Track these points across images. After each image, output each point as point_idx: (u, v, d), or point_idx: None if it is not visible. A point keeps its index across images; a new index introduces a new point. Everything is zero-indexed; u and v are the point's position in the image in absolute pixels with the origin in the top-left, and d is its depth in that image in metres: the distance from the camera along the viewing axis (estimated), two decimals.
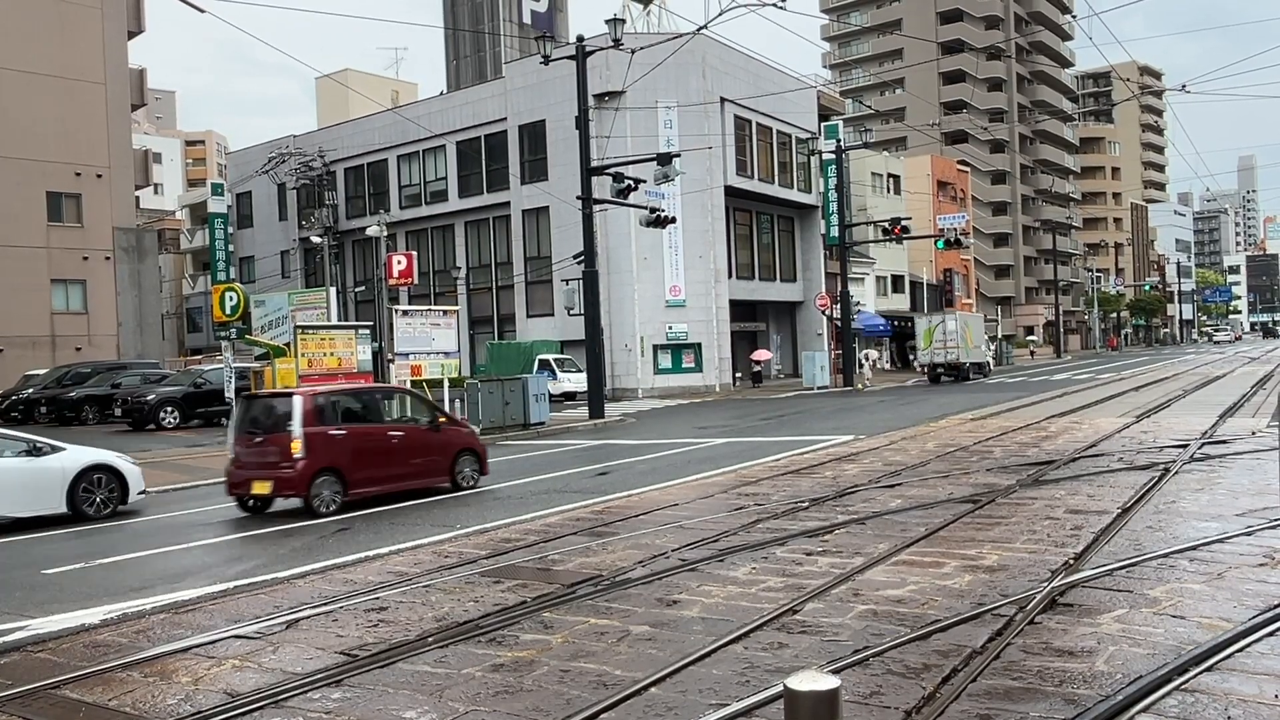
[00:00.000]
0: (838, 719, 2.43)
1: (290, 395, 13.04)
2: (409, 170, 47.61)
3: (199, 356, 49.59)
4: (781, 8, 22.75)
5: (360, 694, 5.28)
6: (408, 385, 20.75)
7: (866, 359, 44.86)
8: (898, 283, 60.77)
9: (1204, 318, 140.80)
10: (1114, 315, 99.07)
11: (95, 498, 12.83)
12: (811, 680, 2.47)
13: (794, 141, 46.22)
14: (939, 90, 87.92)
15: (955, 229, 45.48)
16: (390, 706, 5.06)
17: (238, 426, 13.08)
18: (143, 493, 13.51)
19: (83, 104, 37.89)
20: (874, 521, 9.59)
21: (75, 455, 12.87)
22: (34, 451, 12.55)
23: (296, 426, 12.16)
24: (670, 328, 39.60)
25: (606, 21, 27.07)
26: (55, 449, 12.75)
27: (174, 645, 6.39)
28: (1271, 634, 5.58)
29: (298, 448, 12.08)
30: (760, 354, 43.91)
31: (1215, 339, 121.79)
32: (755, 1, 22.28)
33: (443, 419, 14.57)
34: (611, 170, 26.38)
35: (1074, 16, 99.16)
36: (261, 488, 12.41)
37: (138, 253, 40.01)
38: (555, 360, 37.02)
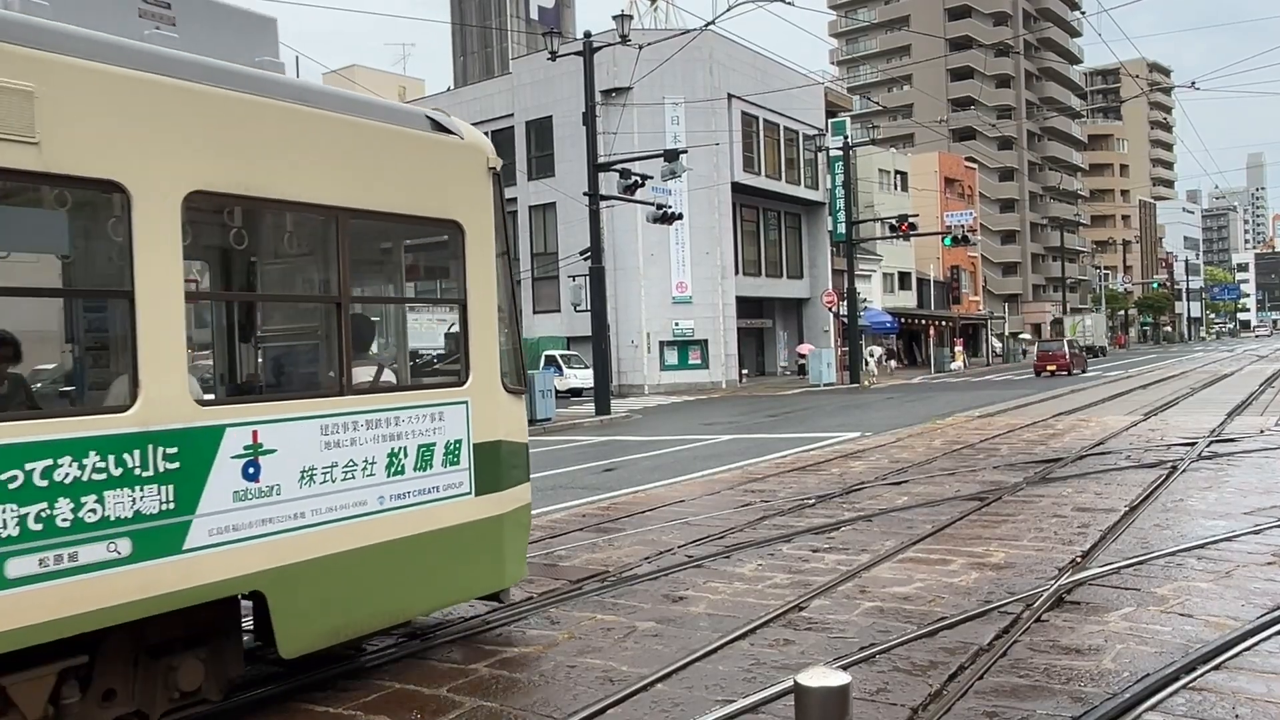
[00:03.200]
0: (848, 715, 2.43)
1: None
2: None
3: None
4: (789, 3, 22.72)
5: None
6: None
7: (871, 356, 44.84)
8: (904, 280, 60.67)
9: (1212, 315, 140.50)
10: (1121, 313, 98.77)
11: None
12: (822, 676, 2.48)
13: (801, 138, 46.14)
14: (947, 87, 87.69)
15: (962, 226, 45.42)
16: None
17: None
18: None
19: None
20: (880, 518, 9.58)
21: None
22: None
23: None
24: (676, 324, 39.59)
25: (614, 17, 27.06)
26: None
27: None
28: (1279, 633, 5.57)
29: None
30: (804, 348, 44.02)
31: (1257, 334, 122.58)
32: None
33: None
34: (618, 166, 26.37)
35: (1083, 13, 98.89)
36: None
37: None
38: (561, 356, 37.05)
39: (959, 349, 53.18)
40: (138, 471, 4.11)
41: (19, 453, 3.75)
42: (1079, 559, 7.54)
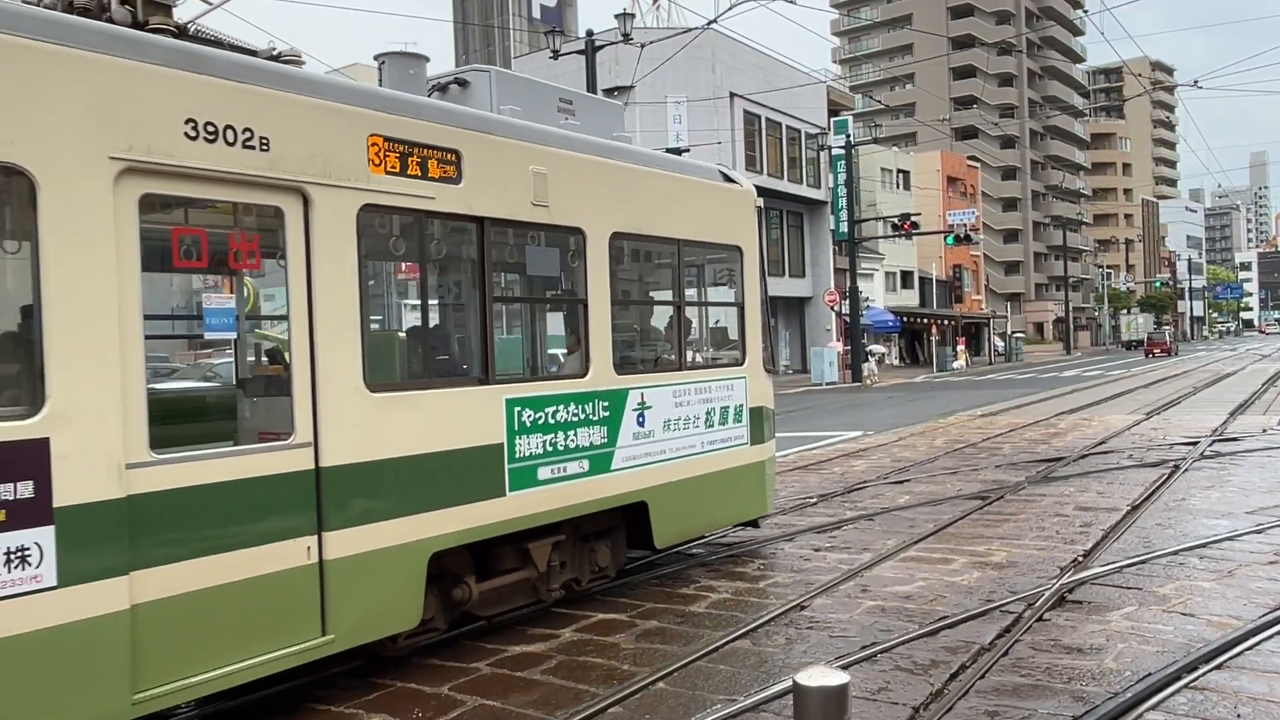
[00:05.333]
0: (847, 715, 2.43)
1: None
2: None
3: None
4: (792, 2, 22.71)
5: None
6: None
7: (871, 355, 44.84)
8: (907, 279, 60.62)
9: (1215, 315, 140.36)
10: (1124, 311, 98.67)
11: None
12: (821, 676, 2.48)
13: (803, 137, 46.11)
14: (949, 85, 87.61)
15: (965, 225, 45.40)
16: None
17: None
18: None
19: None
20: (882, 517, 9.58)
21: None
22: None
23: None
24: None
25: (616, 16, 27.07)
26: None
27: None
28: None
29: None
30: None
31: (1266, 331, 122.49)
32: None
33: None
34: None
35: (1085, 11, 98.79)
36: None
37: None
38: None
39: (961, 348, 53.11)
40: (590, 416, 6.34)
41: (543, 401, 5.98)
42: (1081, 558, 7.54)
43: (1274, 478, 11.06)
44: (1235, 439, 14.75)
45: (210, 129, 4.35)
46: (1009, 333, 66.60)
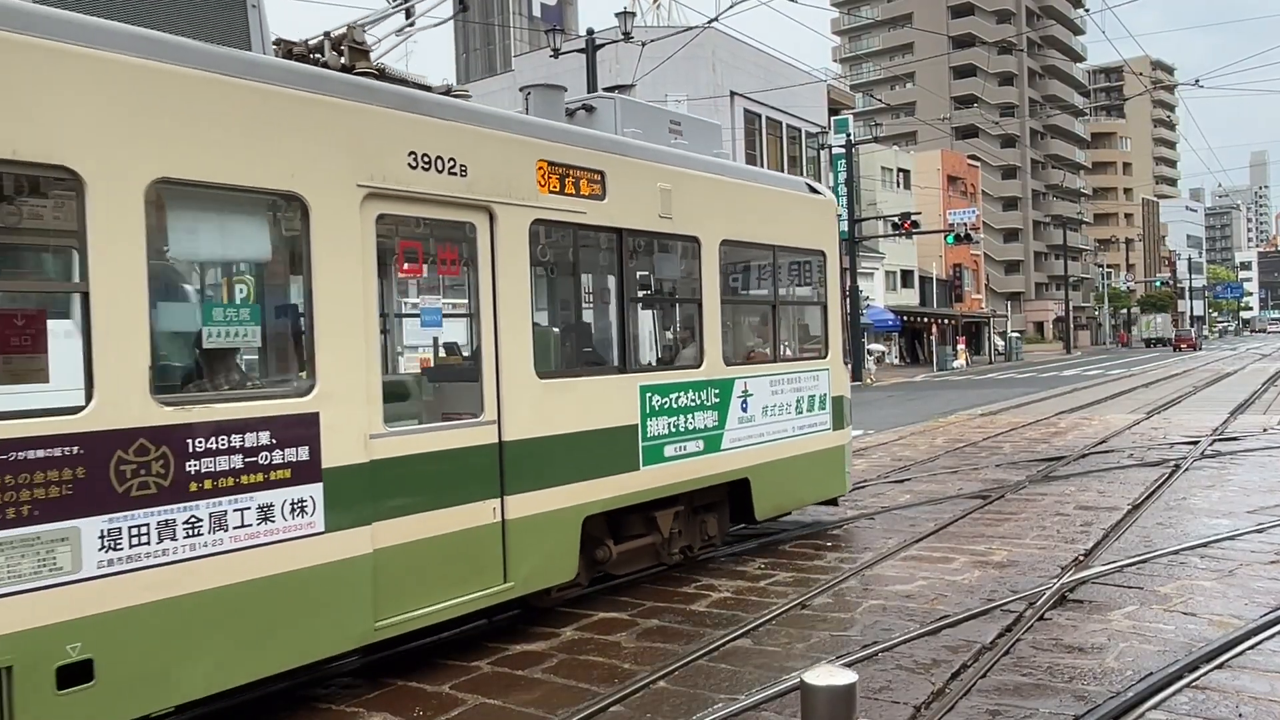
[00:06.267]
0: (854, 714, 2.43)
1: None
2: None
3: None
4: (793, 1, 22.68)
5: None
6: None
7: (871, 354, 44.83)
8: (907, 278, 60.57)
9: (1215, 314, 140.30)
10: (1124, 311, 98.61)
11: None
12: (829, 675, 2.47)
13: (804, 136, 46.08)
14: (949, 85, 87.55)
15: (965, 224, 45.36)
16: None
17: None
18: None
19: None
20: (883, 516, 9.58)
21: None
22: None
23: None
24: None
25: (616, 15, 27.04)
26: None
27: None
28: None
29: None
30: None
31: (1267, 330, 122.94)
32: None
33: None
34: None
35: (1086, 11, 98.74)
36: None
37: None
38: None
39: (962, 347, 53.07)
40: (704, 402, 7.22)
41: (668, 388, 6.90)
42: (1082, 557, 7.54)
43: (1274, 477, 11.06)
44: (1236, 438, 14.74)
45: (425, 159, 5.31)
46: (1009, 332, 66.57)
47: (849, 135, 44.97)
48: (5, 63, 3.74)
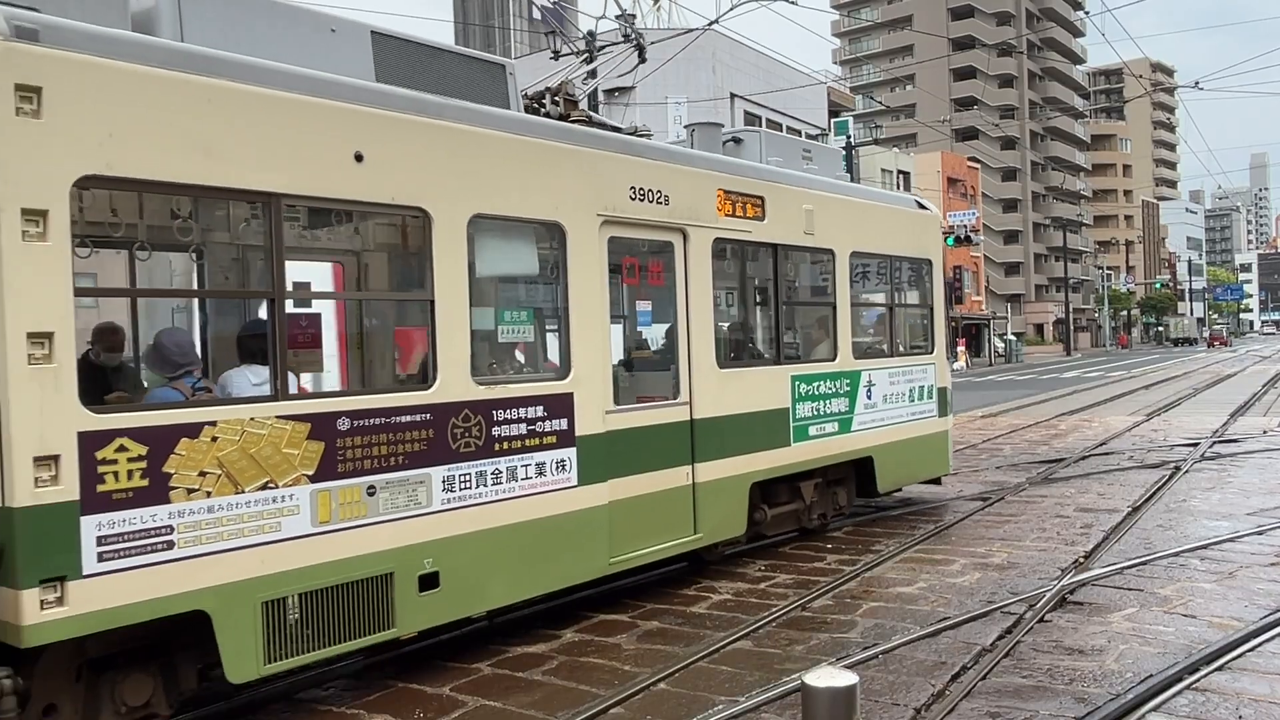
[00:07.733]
0: (855, 715, 2.43)
1: None
2: None
3: None
4: (793, 3, 22.69)
5: None
6: None
7: None
8: None
9: (1215, 315, 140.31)
10: (1124, 313, 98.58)
11: None
12: (830, 676, 2.48)
13: (804, 138, 46.11)
14: (950, 86, 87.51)
15: (965, 226, 45.40)
16: None
17: None
18: None
19: None
20: (883, 518, 9.59)
21: None
22: None
23: None
24: None
25: (616, 17, 27.03)
26: None
27: None
28: None
29: None
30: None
31: (1264, 331, 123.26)
32: None
33: None
34: None
35: (1086, 13, 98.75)
36: None
37: None
38: None
39: (962, 349, 53.05)
40: (839, 390, 8.48)
41: (811, 377, 8.16)
42: (1082, 559, 7.54)
43: (1274, 479, 11.06)
44: (1236, 440, 14.75)
45: (640, 191, 6.62)
46: (1008, 334, 66.55)
47: (849, 137, 44.88)
48: (402, 137, 5.12)
